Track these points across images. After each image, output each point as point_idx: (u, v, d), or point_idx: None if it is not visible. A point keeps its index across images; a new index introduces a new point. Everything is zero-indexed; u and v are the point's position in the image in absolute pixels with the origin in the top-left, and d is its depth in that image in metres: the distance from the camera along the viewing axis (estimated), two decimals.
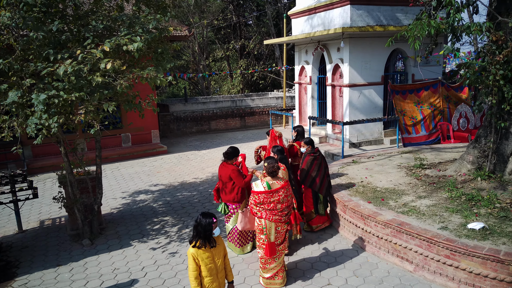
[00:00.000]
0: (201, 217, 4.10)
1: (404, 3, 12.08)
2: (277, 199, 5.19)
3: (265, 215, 5.19)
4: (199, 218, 4.10)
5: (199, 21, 26.13)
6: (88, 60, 5.48)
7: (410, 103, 12.25)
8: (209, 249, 4.12)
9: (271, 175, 5.27)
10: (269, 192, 5.18)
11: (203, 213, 4.15)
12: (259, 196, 5.18)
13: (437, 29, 6.21)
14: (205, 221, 4.04)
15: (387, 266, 5.84)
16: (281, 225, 5.30)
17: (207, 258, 4.10)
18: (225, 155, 6.35)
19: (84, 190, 7.43)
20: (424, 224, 5.69)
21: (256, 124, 19.43)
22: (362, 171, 8.59)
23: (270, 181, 5.26)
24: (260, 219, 5.24)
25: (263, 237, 5.28)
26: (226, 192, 6.27)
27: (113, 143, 13.82)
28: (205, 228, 4.04)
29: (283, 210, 5.26)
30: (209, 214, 4.12)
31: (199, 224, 4.07)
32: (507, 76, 6.39)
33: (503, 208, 6.07)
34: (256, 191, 5.22)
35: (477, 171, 7.29)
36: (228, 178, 6.18)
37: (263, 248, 5.32)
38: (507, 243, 5.01)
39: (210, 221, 4.05)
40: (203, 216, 4.10)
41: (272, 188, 5.22)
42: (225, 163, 6.33)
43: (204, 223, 4.04)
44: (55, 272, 6.19)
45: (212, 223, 4.06)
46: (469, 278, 5.02)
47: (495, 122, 6.88)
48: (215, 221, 4.09)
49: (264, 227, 5.23)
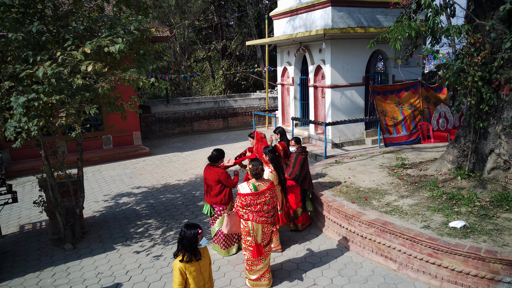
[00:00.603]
0: (185, 229, 3.93)
1: (384, 5, 12.28)
2: (264, 200, 5.20)
3: (252, 217, 5.19)
4: (183, 231, 3.93)
5: (180, 22, 25.98)
6: (68, 62, 5.39)
7: (391, 104, 12.44)
8: (196, 261, 3.97)
9: (256, 177, 5.28)
10: (255, 194, 5.19)
11: (187, 225, 3.98)
12: (245, 198, 5.18)
13: (417, 31, 6.32)
14: (190, 233, 3.88)
15: (372, 265, 5.91)
16: (267, 226, 5.32)
17: (195, 271, 3.97)
18: (210, 159, 6.34)
19: (65, 193, 7.29)
20: (407, 223, 5.78)
21: (239, 125, 19.42)
22: (345, 171, 8.67)
23: (256, 183, 5.26)
24: (247, 221, 5.24)
25: (250, 239, 5.28)
26: (212, 194, 6.25)
27: (94, 145, 13.62)
28: (190, 240, 3.88)
29: (269, 212, 5.28)
30: (194, 225, 3.96)
31: (184, 237, 3.90)
32: (485, 78, 6.56)
33: (483, 206, 6.21)
34: (242, 193, 5.22)
35: (457, 170, 7.45)
36: (216, 181, 6.16)
37: (250, 250, 5.32)
38: (487, 241, 5.13)
39: (196, 232, 3.91)
40: (187, 228, 3.93)
41: (258, 190, 5.23)
42: (211, 166, 6.32)
43: (189, 235, 3.88)
44: (37, 277, 6.06)
45: (197, 234, 3.92)
46: (451, 275, 5.12)
47: (474, 122, 7.04)
48: (200, 232, 3.96)
49: (251, 229, 5.23)
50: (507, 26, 6.57)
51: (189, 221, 7.97)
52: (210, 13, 28.71)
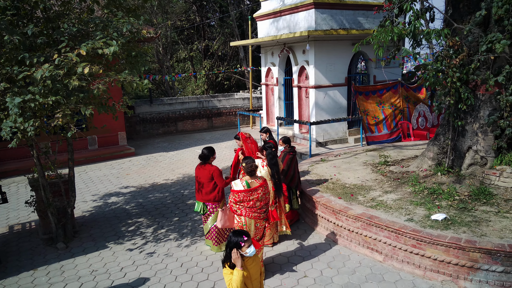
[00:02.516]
0: (231, 235, 3.84)
1: (365, 8, 12.66)
2: (256, 197, 5.42)
3: (245, 212, 5.41)
4: (229, 236, 3.85)
5: (163, 22, 25.95)
6: (64, 64, 5.49)
7: (372, 103, 12.82)
8: (247, 269, 3.81)
9: (250, 174, 5.50)
10: (248, 191, 5.41)
11: (235, 231, 3.87)
12: (239, 194, 5.40)
13: (399, 35, 6.64)
14: (234, 240, 3.77)
15: (359, 257, 6.20)
16: (260, 221, 5.54)
17: (246, 279, 3.81)
18: (202, 158, 6.51)
19: (56, 193, 7.36)
20: (391, 217, 6.08)
21: (224, 125, 19.58)
22: (331, 169, 8.97)
23: (249, 180, 5.48)
24: (240, 217, 5.45)
25: None
26: (205, 192, 6.42)
27: (79, 146, 13.56)
28: (232, 247, 3.76)
29: (262, 208, 5.50)
30: (241, 233, 3.83)
31: (229, 242, 3.81)
32: (463, 79, 6.93)
33: (462, 200, 6.57)
34: (236, 190, 5.44)
35: (437, 166, 7.82)
36: (209, 178, 6.34)
37: None
38: (467, 232, 5.47)
39: (239, 240, 3.75)
40: (233, 234, 3.84)
41: (251, 187, 5.45)
42: (203, 165, 6.49)
43: (233, 241, 3.77)
44: (31, 276, 6.13)
45: (240, 241, 3.74)
46: (434, 265, 5.44)
47: (453, 121, 7.41)
48: (246, 239, 3.76)
49: (244, 224, 5.44)
50: (482, 30, 6.95)
51: (180, 219, 8.14)
52: (192, 14, 28.72)
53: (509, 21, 6.08)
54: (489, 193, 6.65)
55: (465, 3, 7.32)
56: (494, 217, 5.92)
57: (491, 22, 6.79)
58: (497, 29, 6.61)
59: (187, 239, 7.19)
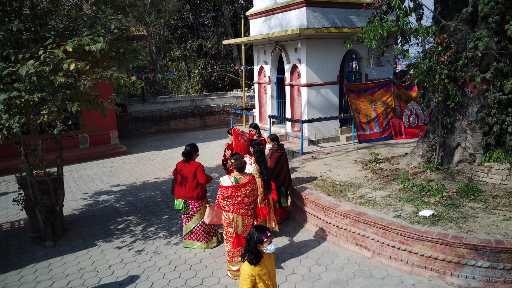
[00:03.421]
0: (253, 230, 3.83)
1: (357, 6, 12.68)
2: (244, 193, 5.42)
3: (232, 208, 5.40)
4: (252, 231, 3.83)
5: (156, 21, 25.88)
6: (50, 60, 5.45)
7: (364, 102, 12.83)
8: (265, 265, 3.84)
9: (239, 171, 5.51)
10: (236, 187, 5.40)
11: (257, 227, 3.88)
12: (227, 190, 5.39)
13: (389, 31, 6.65)
14: (257, 235, 3.76)
15: (347, 254, 6.20)
16: (248, 218, 5.53)
17: (264, 275, 3.82)
18: (185, 155, 6.44)
19: (45, 191, 7.30)
20: (380, 213, 6.09)
21: (217, 124, 19.55)
22: (321, 166, 8.97)
23: (238, 176, 5.47)
24: (228, 213, 5.44)
25: (231, 230, 5.48)
26: (188, 188, 6.35)
27: (70, 145, 13.50)
28: (256, 242, 3.76)
29: (250, 204, 5.50)
30: (263, 229, 3.84)
31: (251, 237, 3.79)
32: (451, 75, 6.96)
33: (450, 196, 6.60)
34: (224, 185, 5.43)
35: (426, 163, 7.84)
36: (193, 174, 6.30)
37: (231, 241, 5.52)
38: (454, 228, 5.49)
39: (263, 235, 3.76)
40: (256, 229, 3.83)
41: (240, 183, 5.45)
42: (186, 162, 6.44)
43: (256, 237, 3.75)
44: (18, 274, 6.08)
45: (264, 237, 3.76)
46: (421, 261, 5.46)
47: (442, 118, 7.44)
48: (268, 235, 3.79)
49: (232, 220, 5.43)
50: (470, 28, 6.98)
51: (170, 217, 8.12)
52: (185, 12, 28.66)
53: (493, 18, 6.10)
54: (477, 190, 6.68)
55: (454, 0, 7.34)
56: (481, 213, 5.95)
57: (479, 20, 6.82)
58: (484, 26, 6.64)
59: (177, 236, 7.17)
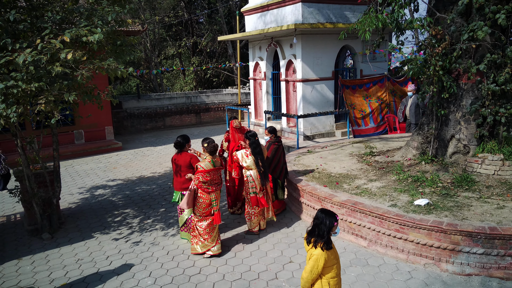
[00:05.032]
0: (323, 215, 3.70)
1: (352, 2, 12.73)
2: (219, 173, 6.07)
3: (213, 189, 5.94)
4: (321, 217, 3.70)
5: (150, 18, 25.82)
6: (47, 50, 5.45)
7: (359, 97, 12.91)
8: (334, 248, 3.80)
9: (212, 154, 5.99)
10: (216, 169, 6.00)
11: (325, 211, 3.76)
12: (210, 173, 5.89)
13: (384, 23, 6.71)
14: (329, 220, 3.67)
15: (343, 243, 6.26)
16: (219, 193, 6.13)
17: (335, 258, 3.77)
18: (177, 146, 6.45)
19: (41, 184, 7.30)
20: (375, 203, 6.16)
21: (212, 120, 19.57)
22: (317, 159, 9.03)
23: (214, 159, 6.00)
24: (211, 194, 5.91)
25: (212, 209, 5.99)
26: (183, 180, 6.35)
27: (65, 140, 13.47)
28: (329, 227, 3.66)
29: (221, 181, 6.15)
30: (332, 213, 3.75)
31: (321, 223, 3.67)
32: (446, 67, 7.03)
33: (445, 187, 6.68)
34: (206, 169, 5.86)
35: (421, 155, 7.92)
36: (187, 164, 6.30)
37: (210, 219, 6.00)
38: (448, 216, 5.56)
39: (334, 220, 3.69)
40: (325, 214, 3.72)
41: (216, 166, 6.01)
42: (179, 153, 6.45)
43: (329, 223, 3.66)
44: (15, 265, 6.08)
45: (335, 222, 3.70)
46: (416, 248, 5.52)
47: (436, 110, 7.51)
48: (338, 219, 3.77)
49: (214, 199, 5.96)
50: (465, 20, 7.06)
51: (167, 209, 8.14)
52: (180, 10, 28.62)
53: (490, 9, 6.18)
54: (472, 180, 6.76)
55: None
56: (475, 202, 6.03)
57: (473, 12, 6.89)
58: (478, 18, 6.71)
59: (174, 228, 7.19)
